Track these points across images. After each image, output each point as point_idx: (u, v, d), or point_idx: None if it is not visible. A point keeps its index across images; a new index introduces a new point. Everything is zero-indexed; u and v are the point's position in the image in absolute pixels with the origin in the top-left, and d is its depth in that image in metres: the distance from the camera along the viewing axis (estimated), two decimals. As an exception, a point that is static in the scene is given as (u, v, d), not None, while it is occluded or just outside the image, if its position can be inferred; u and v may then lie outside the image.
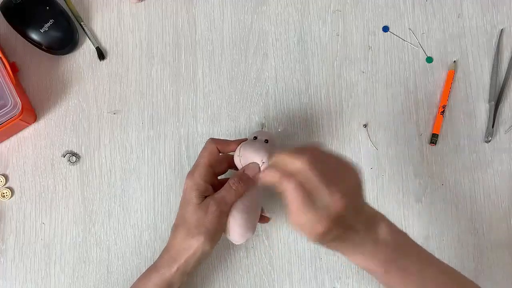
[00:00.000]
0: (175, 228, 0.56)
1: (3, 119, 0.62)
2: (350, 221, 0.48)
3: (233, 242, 0.58)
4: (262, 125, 0.63)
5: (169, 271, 0.55)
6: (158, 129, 0.69)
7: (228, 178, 0.57)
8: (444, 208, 0.68)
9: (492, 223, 0.68)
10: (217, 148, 0.58)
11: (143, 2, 0.73)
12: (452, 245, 0.67)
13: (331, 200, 0.46)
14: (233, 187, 0.56)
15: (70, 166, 0.68)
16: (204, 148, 0.58)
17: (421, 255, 0.52)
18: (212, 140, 0.58)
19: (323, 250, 0.66)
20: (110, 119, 0.69)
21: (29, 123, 0.68)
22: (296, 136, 0.70)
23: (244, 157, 0.57)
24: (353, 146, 0.69)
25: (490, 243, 0.67)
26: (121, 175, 0.68)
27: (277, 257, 0.66)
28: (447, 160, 0.69)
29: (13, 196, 0.67)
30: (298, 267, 0.66)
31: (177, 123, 0.69)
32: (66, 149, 0.68)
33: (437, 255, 0.66)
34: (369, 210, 0.52)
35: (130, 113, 0.70)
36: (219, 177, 0.61)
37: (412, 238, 0.53)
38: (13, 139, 0.68)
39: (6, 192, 0.67)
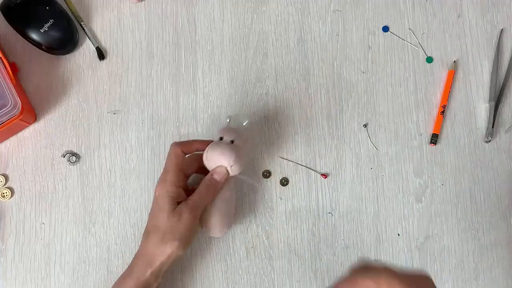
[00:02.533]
0: (148, 234, 0.57)
1: (3, 119, 0.62)
2: None
3: (213, 236, 0.62)
4: (229, 118, 0.63)
5: (144, 275, 0.56)
6: (158, 129, 0.69)
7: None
8: (444, 208, 0.68)
9: (492, 223, 0.68)
10: (182, 151, 0.58)
11: (143, 2, 0.73)
12: (452, 245, 0.67)
13: None
14: (204, 192, 0.58)
15: (70, 166, 0.68)
16: (169, 154, 0.59)
17: None
18: (176, 144, 0.59)
19: (323, 250, 0.66)
20: (110, 119, 0.69)
21: (29, 123, 0.68)
22: (297, 136, 0.70)
23: (211, 160, 0.59)
24: (353, 146, 0.69)
25: (490, 243, 0.67)
26: (121, 175, 0.68)
27: (277, 257, 0.66)
28: (447, 160, 0.69)
29: (13, 196, 0.67)
30: (298, 267, 0.66)
31: (177, 123, 0.69)
32: (66, 149, 0.68)
33: (437, 255, 0.67)
34: None
35: (130, 113, 0.70)
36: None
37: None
38: (13, 139, 0.68)
39: (6, 192, 0.67)
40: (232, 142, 0.59)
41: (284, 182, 0.68)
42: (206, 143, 0.60)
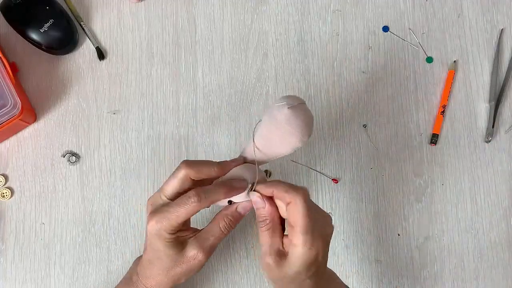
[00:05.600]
0: (149, 264, 0.51)
1: (3, 119, 0.62)
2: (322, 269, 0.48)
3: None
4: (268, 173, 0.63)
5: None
6: (158, 129, 0.69)
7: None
8: (444, 208, 0.68)
9: (492, 223, 0.68)
10: (190, 179, 0.48)
11: (143, 2, 0.73)
12: (452, 245, 0.67)
13: (326, 225, 0.46)
14: (224, 231, 0.50)
15: (70, 166, 0.68)
16: (174, 175, 0.49)
17: None
18: (186, 165, 0.48)
19: (323, 250, 0.67)
20: (110, 119, 0.69)
21: (29, 123, 0.68)
22: (296, 136, 0.70)
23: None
24: (353, 146, 0.69)
25: (490, 243, 0.67)
26: (121, 175, 0.68)
27: (277, 257, 0.66)
28: (447, 160, 0.69)
29: (13, 196, 0.67)
30: (298, 267, 0.66)
31: (177, 123, 0.69)
32: (66, 149, 0.68)
33: (437, 255, 0.67)
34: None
35: (130, 113, 0.70)
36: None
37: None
38: (13, 139, 0.68)
39: (6, 192, 0.67)
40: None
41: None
42: (225, 169, 0.50)
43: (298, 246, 0.45)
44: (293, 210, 0.45)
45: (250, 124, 0.70)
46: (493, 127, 0.69)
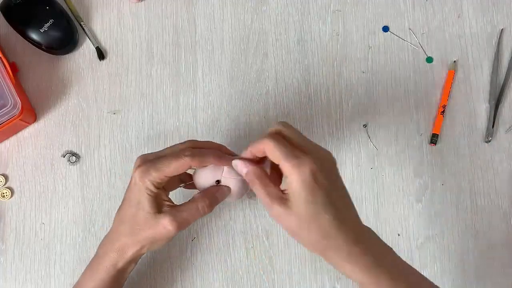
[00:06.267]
0: (121, 222, 0.52)
1: (3, 119, 0.62)
2: (338, 196, 0.47)
3: (229, 201, 0.55)
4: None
5: (116, 267, 0.52)
6: (158, 129, 0.69)
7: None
8: (444, 208, 0.68)
9: (492, 223, 0.68)
10: (190, 166, 0.50)
11: (143, 2, 0.73)
12: (452, 245, 0.67)
13: (307, 157, 0.45)
14: (201, 211, 0.51)
15: (70, 166, 0.68)
16: (176, 159, 0.49)
17: (409, 270, 0.51)
18: (190, 154, 0.50)
19: (323, 250, 0.66)
20: (110, 119, 0.69)
21: (29, 123, 0.68)
22: (296, 136, 0.70)
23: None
24: (353, 146, 0.69)
25: (490, 243, 0.67)
26: (121, 175, 0.68)
27: (277, 257, 0.66)
28: (447, 160, 0.69)
29: (13, 196, 0.67)
30: (298, 267, 0.66)
31: (177, 123, 0.69)
32: (66, 149, 0.68)
33: (437, 255, 0.67)
34: (357, 219, 0.50)
35: (130, 113, 0.70)
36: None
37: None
38: (13, 139, 0.68)
39: (6, 192, 0.67)
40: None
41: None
42: (223, 161, 0.52)
43: (289, 174, 0.45)
44: (268, 151, 0.46)
45: (250, 124, 0.70)
46: (493, 127, 0.69)
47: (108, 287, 0.54)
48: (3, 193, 0.67)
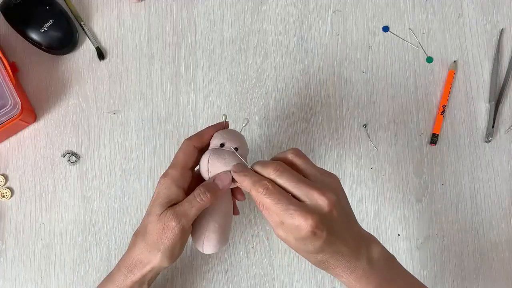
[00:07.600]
0: (136, 236, 0.52)
1: (3, 119, 0.62)
2: (341, 228, 0.47)
3: (205, 252, 0.53)
4: (225, 116, 0.54)
5: (125, 283, 0.52)
6: (158, 129, 0.69)
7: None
8: (444, 208, 0.68)
9: (492, 223, 0.68)
10: (194, 146, 0.52)
11: (143, 2, 0.73)
12: (452, 245, 0.67)
13: (321, 195, 0.46)
14: (198, 199, 0.50)
15: (70, 166, 0.68)
16: (179, 149, 0.52)
17: (411, 280, 0.52)
18: (187, 140, 0.52)
19: (323, 250, 0.66)
20: (110, 119, 0.69)
21: (29, 123, 0.68)
22: (297, 136, 0.70)
23: (213, 172, 0.51)
24: (353, 146, 0.69)
25: (490, 243, 0.67)
26: (121, 175, 0.68)
27: (277, 257, 0.66)
28: (447, 160, 0.69)
29: (13, 196, 0.67)
30: (298, 267, 0.66)
31: (177, 123, 0.69)
32: (66, 149, 0.68)
33: (437, 255, 0.67)
34: (361, 229, 0.50)
35: (130, 113, 0.70)
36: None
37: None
38: (13, 139, 0.68)
39: (6, 192, 0.67)
40: (236, 149, 0.51)
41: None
42: (217, 128, 0.54)
43: (297, 223, 0.45)
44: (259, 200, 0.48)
45: (250, 124, 0.70)
46: (493, 127, 0.69)
47: None
48: (3, 193, 0.67)
